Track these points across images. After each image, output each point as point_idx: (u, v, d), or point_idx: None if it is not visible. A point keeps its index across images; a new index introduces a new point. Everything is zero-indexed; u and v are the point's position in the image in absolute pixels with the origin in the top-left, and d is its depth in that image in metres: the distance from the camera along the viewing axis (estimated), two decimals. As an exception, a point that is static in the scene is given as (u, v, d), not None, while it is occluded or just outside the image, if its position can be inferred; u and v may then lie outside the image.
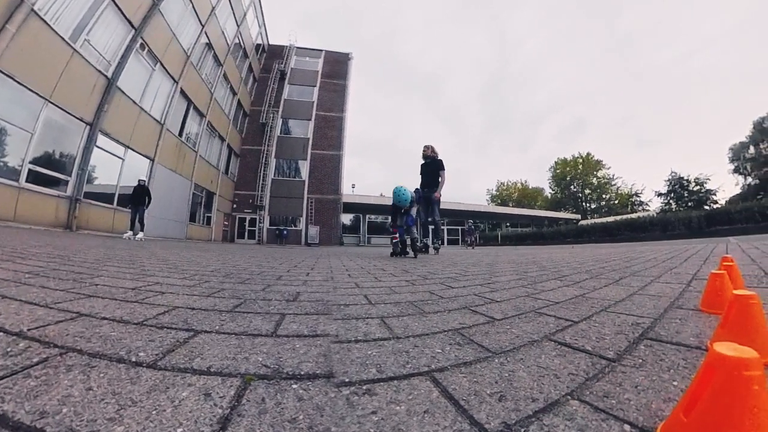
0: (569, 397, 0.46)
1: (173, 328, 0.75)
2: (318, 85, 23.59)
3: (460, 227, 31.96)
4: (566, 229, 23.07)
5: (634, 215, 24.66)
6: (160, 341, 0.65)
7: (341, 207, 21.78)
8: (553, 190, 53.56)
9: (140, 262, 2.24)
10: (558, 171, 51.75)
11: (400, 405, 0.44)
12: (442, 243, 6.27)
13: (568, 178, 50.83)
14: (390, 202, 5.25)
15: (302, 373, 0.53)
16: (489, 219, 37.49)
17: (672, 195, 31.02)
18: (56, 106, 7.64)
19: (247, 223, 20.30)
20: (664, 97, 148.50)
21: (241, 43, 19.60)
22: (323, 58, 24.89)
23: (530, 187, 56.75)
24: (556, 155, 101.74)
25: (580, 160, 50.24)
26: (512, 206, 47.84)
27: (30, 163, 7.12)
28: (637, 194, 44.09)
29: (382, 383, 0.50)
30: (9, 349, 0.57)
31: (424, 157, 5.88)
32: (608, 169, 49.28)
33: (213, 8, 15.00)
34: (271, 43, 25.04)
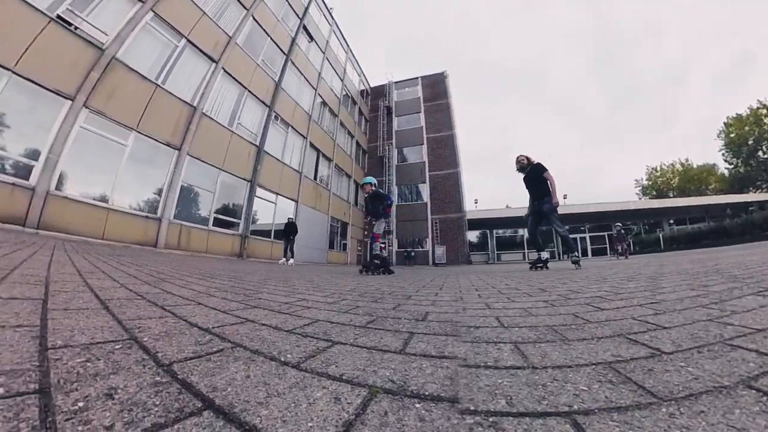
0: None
1: (315, 337, 0.86)
2: (422, 110, 24.89)
3: (606, 233, 25.19)
4: (762, 217, 15.49)
5: None
6: (304, 347, 0.75)
7: (466, 224, 21.44)
8: (730, 163, 36.48)
9: (291, 282, 2.73)
10: (733, 134, 35.13)
11: (532, 447, 0.36)
12: (577, 254, 5.20)
13: (750, 141, 33.80)
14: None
15: (426, 393, 0.51)
16: (643, 218, 27.32)
17: None
18: (227, 172, 11.00)
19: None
20: None
21: (348, 93, 22.91)
22: (421, 84, 26.21)
23: (694, 166, 40.58)
24: (722, 114, 70.45)
25: (765, 111, 32.56)
26: (674, 196, 35.75)
27: (214, 213, 10.41)
28: None
29: (511, 418, 0.43)
30: (199, 340, 0.78)
31: (521, 169, 5.36)
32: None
33: (319, 73, 18.50)
34: (372, 85, 28.14)
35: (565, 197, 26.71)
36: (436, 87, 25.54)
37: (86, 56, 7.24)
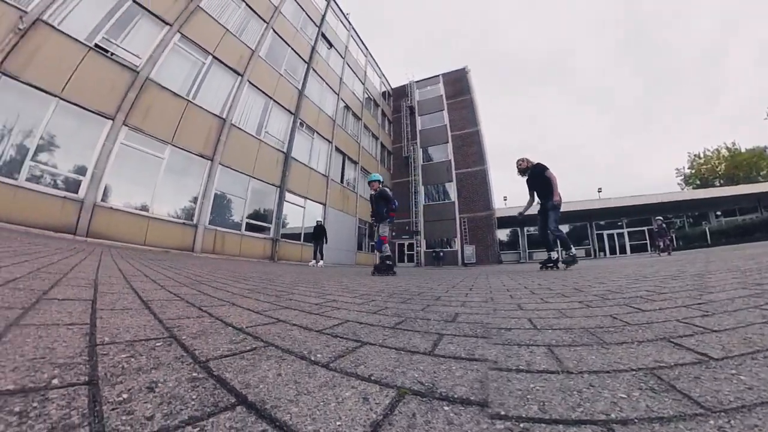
0: None
1: (344, 337, 0.87)
2: (445, 107, 24.50)
3: (645, 227, 22.81)
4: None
5: None
6: (334, 347, 0.76)
7: (495, 223, 20.83)
8: (784, 145, 31.08)
9: (321, 283, 2.78)
10: (786, 114, 29.42)
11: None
12: (573, 253, 4.94)
13: (807, 121, 28.50)
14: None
15: (455, 396, 0.50)
16: (687, 210, 24.42)
17: None
18: (257, 179, 11.50)
19: (405, 248, 22.64)
20: None
21: (370, 96, 23.10)
22: (442, 82, 25.84)
23: (743, 150, 35.86)
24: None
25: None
26: (720, 185, 32.28)
27: (246, 218, 10.90)
28: None
29: (543, 425, 0.41)
30: (234, 339, 0.82)
31: (522, 172, 5.36)
32: None
33: (341, 78, 18.83)
34: (393, 86, 28.11)
35: (599, 191, 25.02)
36: (458, 83, 25.10)
37: (123, 79, 7.94)
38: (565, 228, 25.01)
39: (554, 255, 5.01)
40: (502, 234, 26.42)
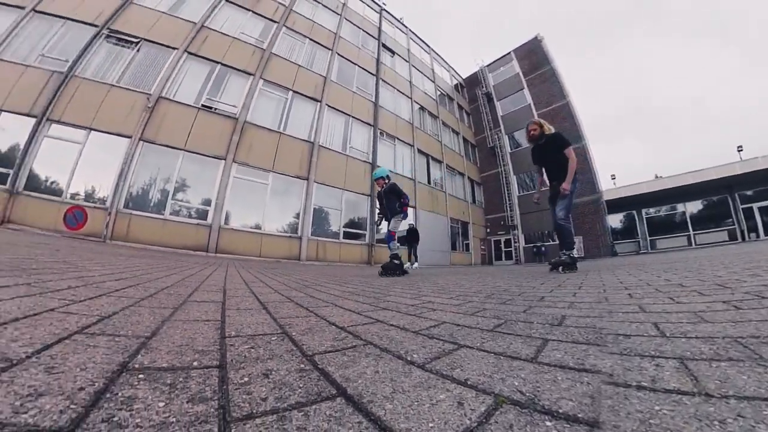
0: None
1: (441, 339, 0.85)
2: (525, 85, 21.94)
3: None
4: None
5: None
6: (430, 348, 0.75)
7: (604, 207, 17.55)
8: None
9: (417, 285, 2.80)
10: None
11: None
12: (573, 253, 3.85)
13: None
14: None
15: (560, 411, 0.43)
16: None
17: None
18: (348, 191, 12.59)
19: (502, 245, 20.93)
20: None
21: (443, 92, 22.46)
22: (515, 58, 23.28)
23: None
24: None
25: None
26: None
27: (343, 227, 12.03)
28: None
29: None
30: (336, 336, 0.87)
31: (532, 138, 4.14)
32: None
33: (410, 82, 18.97)
34: (464, 76, 26.67)
35: (740, 150, 18.24)
36: (533, 56, 22.27)
37: (227, 126, 10.12)
38: (696, 205, 18.85)
39: (575, 252, 4.06)
40: (614, 220, 21.58)
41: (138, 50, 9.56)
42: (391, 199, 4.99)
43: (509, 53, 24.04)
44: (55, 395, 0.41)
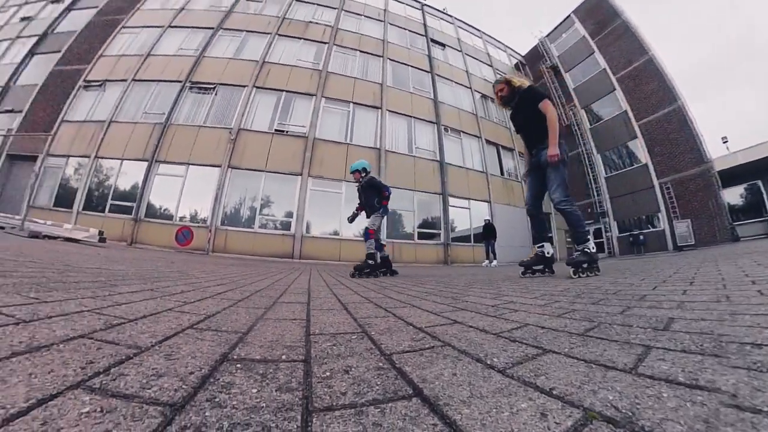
0: None
1: (524, 343, 0.79)
2: (595, 48, 18.74)
3: None
4: None
5: None
6: (512, 352, 0.70)
7: (717, 180, 13.72)
8: None
9: (496, 284, 2.64)
10: None
11: None
12: (589, 247, 2.59)
13: None
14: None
15: None
16: None
17: None
18: (419, 191, 12.68)
19: (592, 236, 18.30)
20: None
21: (502, 74, 20.59)
22: (578, 20, 20.13)
23: None
24: None
25: None
26: None
27: (417, 228, 12.16)
28: None
29: None
30: (415, 337, 0.88)
31: (504, 102, 3.25)
32: None
33: (467, 71, 18.07)
34: (524, 53, 24.18)
35: None
36: (597, 12, 18.87)
37: (298, 145, 11.50)
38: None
39: (548, 249, 3.25)
40: (733, 195, 16.14)
41: (216, 94, 12.01)
42: (370, 194, 4.52)
43: (569, 16, 21.02)
44: (171, 377, 0.51)
